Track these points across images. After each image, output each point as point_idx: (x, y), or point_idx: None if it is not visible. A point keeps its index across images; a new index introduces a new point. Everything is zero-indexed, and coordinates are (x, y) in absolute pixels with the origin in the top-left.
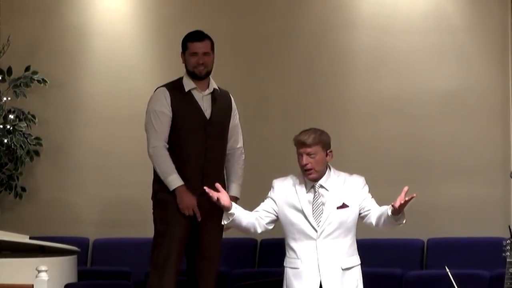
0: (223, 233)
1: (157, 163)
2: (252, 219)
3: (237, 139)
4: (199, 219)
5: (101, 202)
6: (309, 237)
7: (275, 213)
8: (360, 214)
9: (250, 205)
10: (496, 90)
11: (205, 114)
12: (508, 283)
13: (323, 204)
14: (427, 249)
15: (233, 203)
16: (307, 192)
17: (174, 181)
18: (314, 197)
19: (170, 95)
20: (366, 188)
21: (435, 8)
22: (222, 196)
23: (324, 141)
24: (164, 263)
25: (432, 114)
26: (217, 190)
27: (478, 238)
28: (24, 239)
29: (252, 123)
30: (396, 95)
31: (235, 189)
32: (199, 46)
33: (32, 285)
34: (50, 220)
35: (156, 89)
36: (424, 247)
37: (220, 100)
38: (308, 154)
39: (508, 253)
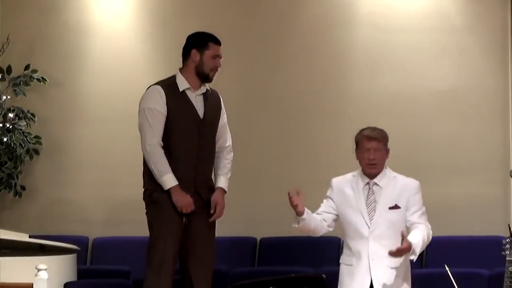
0: (224, 228)
1: (153, 161)
2: (318, 222)
3: (226, 138)
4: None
5: (101, 200)
6: (362, 235)
7: (335, 212)
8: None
9: (251, 204)
10: (496, 89)
11: (199, 113)
12: (508, 282)
13: (376, 202)
14: (427, 247)
15: (306, 208)
16: (362, 189)
17: (170, 180)
18: (368, 194)
19: (166, 94)
20: (419, 195)
21: (435, 7)
22: (300, 204)
23: (387, 139)
24: (161, 263)
25: (432, 113)
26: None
27: (478, 236)
28: (23, 237)
29: (250, 121)
30: (396, 94)
31: (223, 182)
32: (220, 50)
33: (32, 284)
34: (49, 218)
35: (149, 87)
36: None
37: (211, 100)
38: (375, 149)
39: (507, 252)
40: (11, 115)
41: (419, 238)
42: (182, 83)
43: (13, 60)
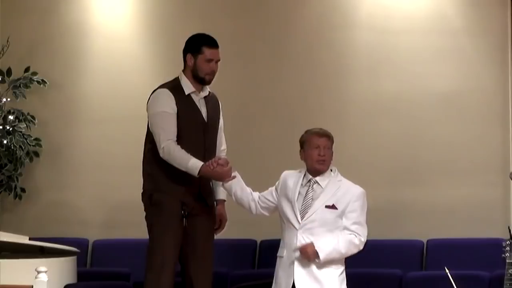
0: (223, 232)
1: (172, 159)
2: (250, 196)
3: (221, 141)
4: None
5: (100, 203)
6: (293, 227)
7: (274, 201)
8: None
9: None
10: (496, 91)
11: (203, 116)
12: (508, 284)
13: (313, 199)
14: (427, 250)
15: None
16: (303, 186)
17: (195, 164)
18: (307, 191)
19: (174, 98)
20: (359, 203)
21: (434, 9)
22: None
23: (333, 141)
24: (162, 266)
25: (432, 115)
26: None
27: (477, 239)
28: (23, 240)
29: (250, 122)
30: (396, 96)
31: (223, 193)
32: (216, 53)
33: (32, 286)
34: (49, 221)
35: (156, 90)
36: (423, 248)
37: (212, 103)
38: (325, 146)
39: (507, 254)
40: (11, 117)
41: (329, 244)
42: (188, 87)
43: (13, 62)
